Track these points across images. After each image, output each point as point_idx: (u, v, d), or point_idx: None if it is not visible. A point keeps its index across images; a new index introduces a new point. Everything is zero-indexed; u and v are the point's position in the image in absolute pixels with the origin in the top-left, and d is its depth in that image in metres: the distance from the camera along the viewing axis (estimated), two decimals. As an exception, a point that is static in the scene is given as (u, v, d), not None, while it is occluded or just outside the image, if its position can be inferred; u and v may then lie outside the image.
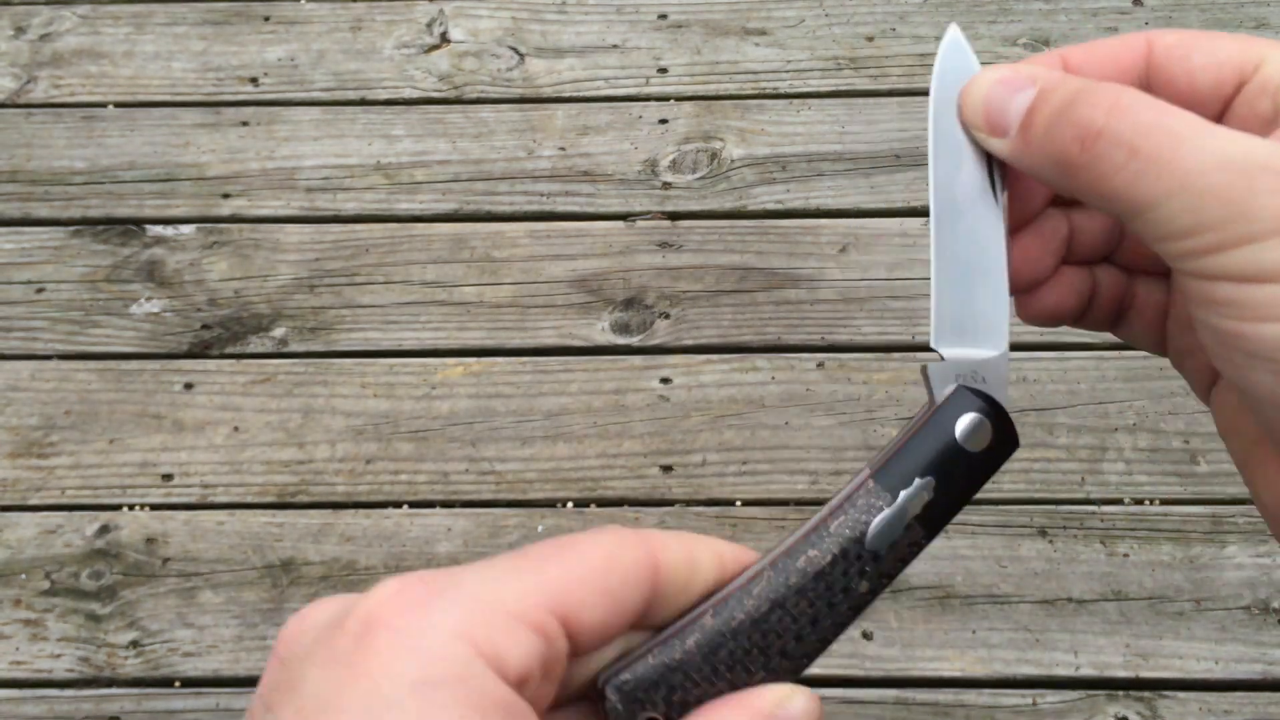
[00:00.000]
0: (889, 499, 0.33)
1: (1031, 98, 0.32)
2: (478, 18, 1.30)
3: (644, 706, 0.30)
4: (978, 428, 0.34)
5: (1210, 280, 0.28)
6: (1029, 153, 0.32)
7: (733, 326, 1.10)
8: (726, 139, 1.20)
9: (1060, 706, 0.92)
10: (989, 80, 0.34)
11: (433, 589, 0.27)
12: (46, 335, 1.11)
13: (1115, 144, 0.29)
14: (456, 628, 0.26)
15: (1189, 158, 0.28)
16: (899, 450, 0.34)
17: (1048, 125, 0.31)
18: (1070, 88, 0.31)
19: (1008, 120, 0.33)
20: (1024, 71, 0.33)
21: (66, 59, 1.28)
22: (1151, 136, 0.29)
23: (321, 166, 1.20)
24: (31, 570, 1.00)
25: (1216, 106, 0.33)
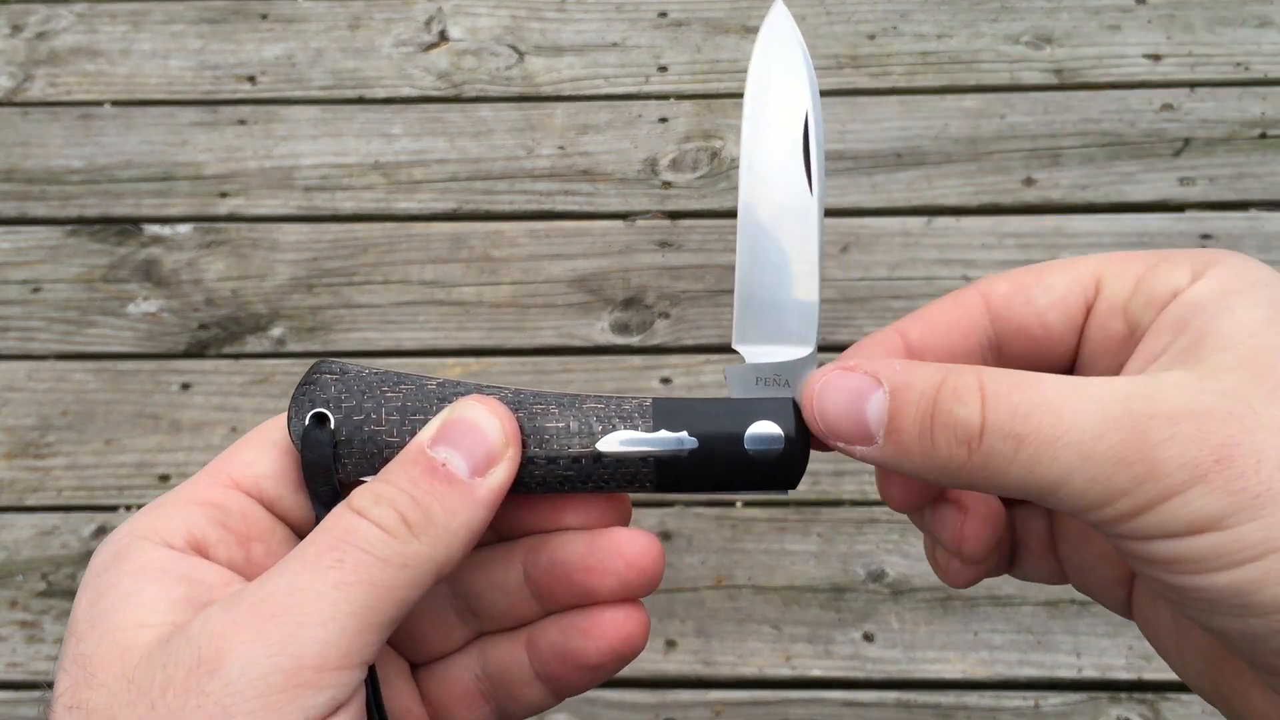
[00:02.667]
0: (649, 428, 0.33)
1: (886, 402, 0.30)
2: (476, 16, 1.29)
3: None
4: (770, 440, 0.33)
5: (1144, 541, 0.28)
6: (907, 459, 0.31)
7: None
8: (727, 137, 1.20)
9: (1063, 708, 0.92)
10: (833, 389, 0.32)
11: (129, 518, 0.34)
12: (43, 335, 1.11)
13: (1000, 437, 0.28)
14: (124, 530, 0.33)
15: (1073, 430, 0.27)
16: (693, 401, 0.34)
17: (919, 431, 0.30)
18: (924, 384, 0.30)
19: (869, 429, 0.31)
20: (865, 368, 0.31)
21: (63, 57, 1.28)
22: (1031, 419, 0.28)
23: (319, 165, 1.20)
24: (28, 571, 1.00)
25: (1072, 340, 0.33)
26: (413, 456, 0.32)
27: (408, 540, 0.30)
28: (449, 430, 0.32)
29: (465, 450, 0.32)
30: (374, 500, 0.31)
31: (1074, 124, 1.19)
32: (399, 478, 0.32)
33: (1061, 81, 1.21)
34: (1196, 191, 1.14)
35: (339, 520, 0.31)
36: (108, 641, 0.29)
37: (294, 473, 0.35)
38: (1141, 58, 1.23)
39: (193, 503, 0.33)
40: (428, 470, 0.31)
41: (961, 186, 1.15)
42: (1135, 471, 0.27)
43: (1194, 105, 1.19)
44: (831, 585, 0.97)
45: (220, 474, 0.34)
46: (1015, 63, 1.23)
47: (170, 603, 0.30)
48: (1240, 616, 0.27)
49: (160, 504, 0.34)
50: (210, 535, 0.33)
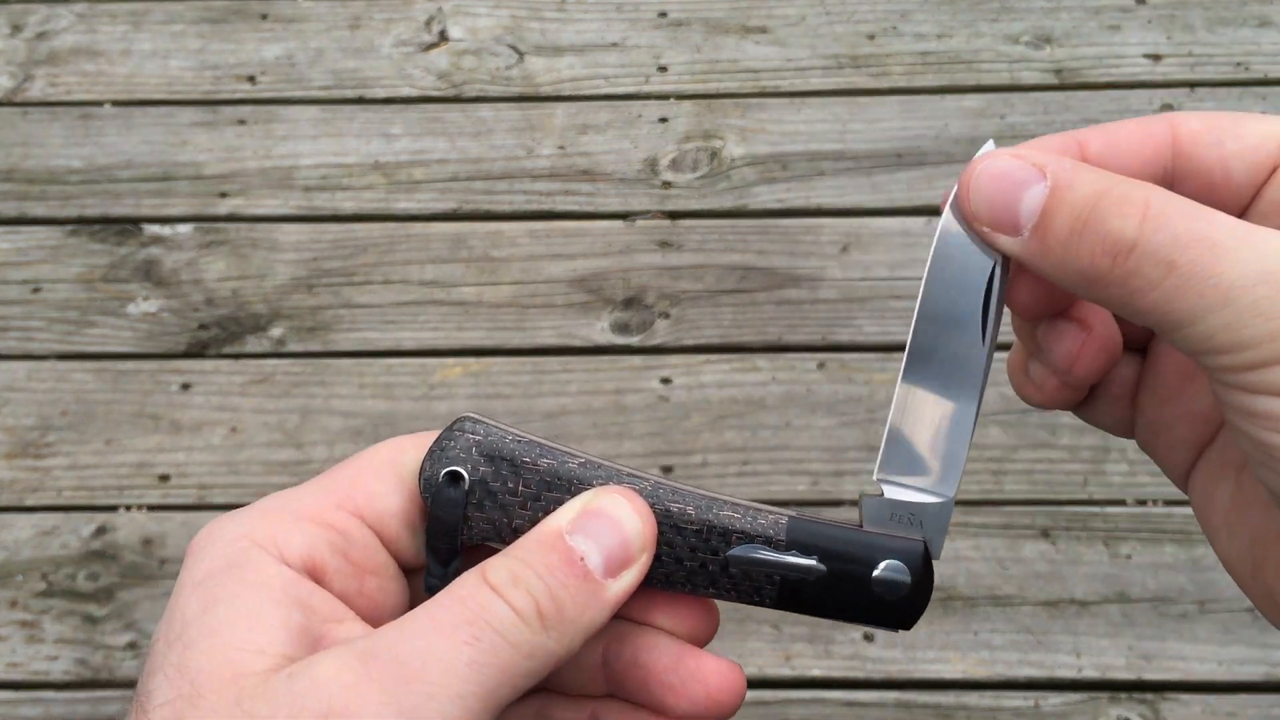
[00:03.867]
0: (782, 545, 0.33)
1: (1045, 194, 0.29)
2: (476, 16, 1.29)
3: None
4: (897, 580, 0.33)
5: (1251, 394, 0.28)
6: (1047, 258, 0.30)
7: (733, 326, 1.09)
8: (727, 137, 1.20)
9: (1063, 708, 0.92)
10: (992, 171, 0.31)
11: (230, 515, 0.32)
12: (43, 335, 1.11)
13: (1151, 260, 0.28)
14: (238, 531, 0.31)
15: (1228, 272, 0.27)
16: (830, 526, 0.34)
17: (1069, 232, 0.29)
18: (1089, 187, 0.29)
19: (1018, 219, 0.30)
20: (1033, 159, 0.30)
21: (63, 57, 1.27)
22: (1189, 250, 0.27)
23: (319, 165, 1.20)
24: (28, 572, 1.00)
25: (1250, 192, 0.32)
26: (551, 541, 0.31)
27: (538, 631, 0.30)
28: (589, 520, 0.32)
29: (603, 545, 0.31)
30: (511, 581, 0.30)
31: (1074, 124, 1.19)
32: (536, 561, 0.31)
33: (1061, 81, 1.21)
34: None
35: (475, 593, 0.30)
36: (221, 660, 0.28)
37: (414, 514, 0.34)
38: (1141, 58, 1.23)
39: (316, 522, 0.32)
40: (565, 560, 0.31)
41: (961, 186, 1.15)
42: (1270, 327, 0.27)
43: (1194, 105, 1.19)
44: (831, 585, 0.97)
45: (346, 498, 0.33)
46: (1015, 63, 1.23)
47: (289, 631, 0.29)
48: None
49: (277, 511, 0.32)
50: (330, 562, 0.32)
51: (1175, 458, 0.36)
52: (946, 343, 0.33)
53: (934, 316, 0.33)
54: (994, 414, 1.03)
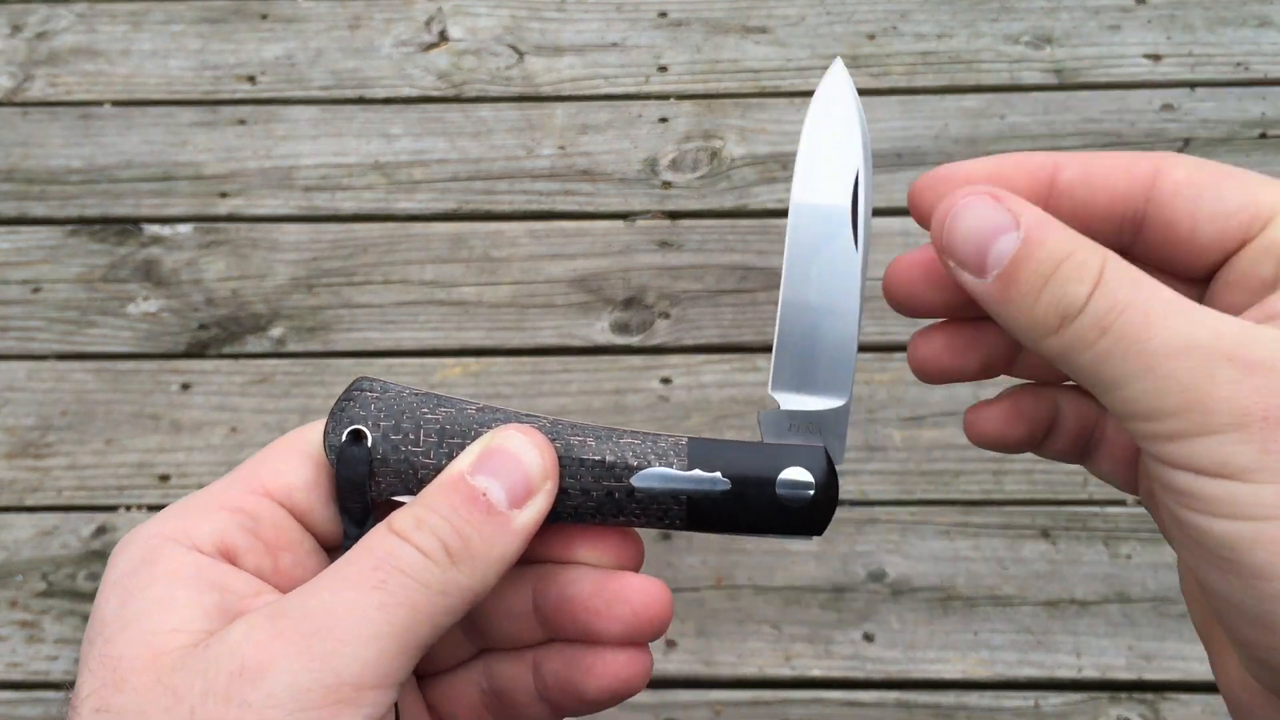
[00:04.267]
0: (684, 467, 0.34)
1: (1016, 246, 0.30)
2: (476, 15, 1.29)
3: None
4: (801, 486, 0.34)
5: (1170, 467, 0.28)
6: (1005, 306, 0.31)
7: (733, 326, 1.09)
8: (727, 137, 1.20)
9: (1063, 708, 0.92)
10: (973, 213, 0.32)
11: (150, 519, 0.34)
12: (43, 335, 1.11)
13: (1090, 322, 0.29)
14: (150, 531, 0.32)
15: (1156, 340, 0.28)
16: (730, 443, 0.34)
17: (1030, 287, 0.30)
18: (1057, 247, 0.30)
19: (986, 263, 0.31)
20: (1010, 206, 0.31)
21: (63, 57, 1.27)
22: (1124, 316, 0.28)
23: (319, 165, 1.20)
24: (28, 571, 1.00)
25: (1214, 257, 0.32)
26: (453, 483, 0.32)
27: (447, 568, 0.30)
28: (489, 459, 0.32)
29: (505, 480, 0.32)
30: (415, 525, 0.31)
31: (1074, 124, 1.19)
32: (439, 504, 0.31)
33: (1061, 81, 1.21)
34: (1196, 191, 1.14)
35: (381, 541, 0.31)
36: (139, 645, 0.29)
37: (325, 485, 0.35)
38: (1141, 58, 1.23)
39: (223, 508, 0.33)
40: (468, 499, 0.31)
41: (961, 186, 1.15)
42: (1188, 399, 0.27)
43: (1194, 105, 1.19)
44: (831, 585, 0.97)
45: (252, 480, 0.34)
46: (1015, 63, 1.23)
47: (204, 610, 0.30)
48: (1223, 572, 0.27)
49: (188, 506, 0.34)
50: (240, 543, 0.33)
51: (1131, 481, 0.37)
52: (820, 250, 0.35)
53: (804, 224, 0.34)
54: (994, 414, 1.03)
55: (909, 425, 1.03)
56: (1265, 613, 0.27)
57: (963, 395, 1.04)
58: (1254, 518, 0.26)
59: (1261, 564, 0.26)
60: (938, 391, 1.04)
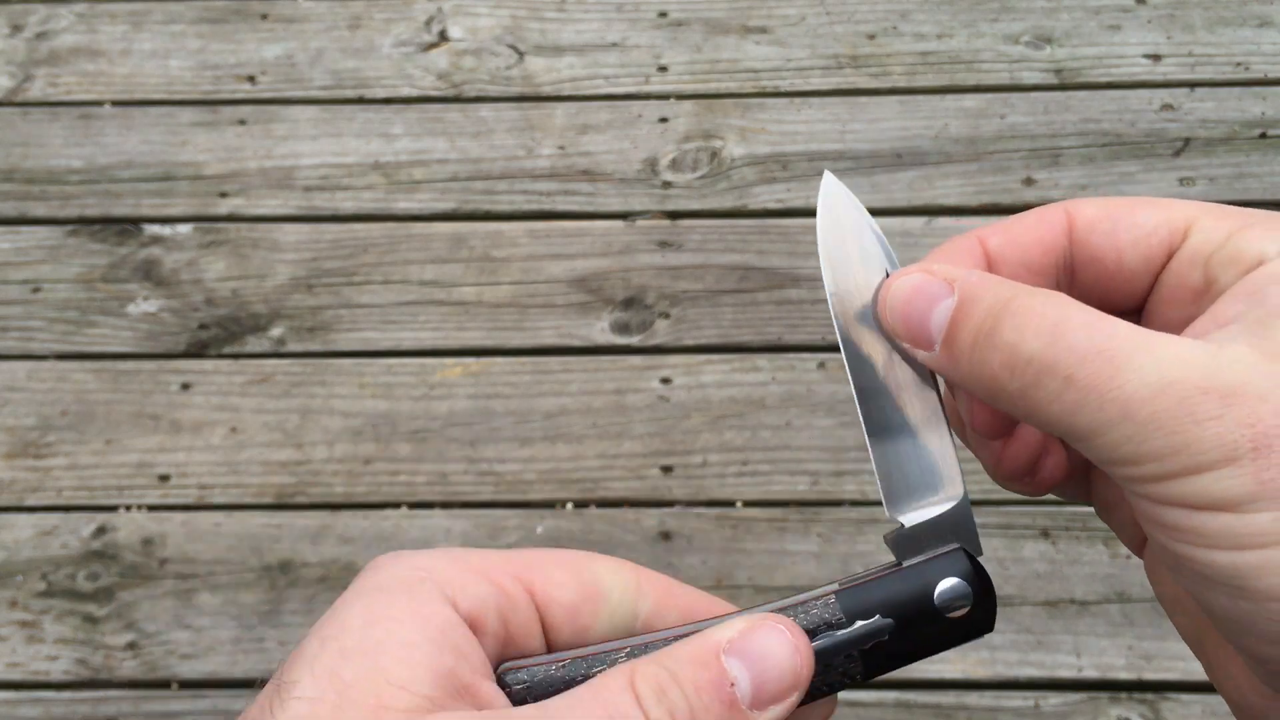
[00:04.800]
0: (844, 622, 0.33)
1: (952, 309, 0.30)
2: (476, 15, 1.29)
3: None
4: (958, 594, 0.33)
5: (1160, 504, 0.28)
6: (956, 370, 0.30)
7: (733, 326, 1.09)
8: (727, 137, 1.20)
9: (1063, 708, 0.92)
10: (905, 288, 0.32)
11: (419, 550, 0.32)
12: (43, 335, 1.11)
13: (1049, 373, 0.28)
14: (419, 563, 0.32)
15: (1127, 385, 0.27)
16: (874, 580, 0.34)
17: (972, 346, 0.30)
18: (993, 299, 0.30)
19: (930, 333, 0.31)
20: (941, 274, 0.31)
21: (63, 57, 1.27)
22: (1087, 364, 0.28)
23: (319, 165, 1.20)
24: (28, 572, 1.00)
25: (1147, 280, 0.32)
26: (705, 658, 0.30)
27: None
28: (748, 645, 0.31)
29: (756, 674, 0.30)
30: (656, 694, 0.29)
31: (1074, 124, 1.19)
32: (685, 675, 0.30)
33: (1061, 81, 1.21)
34: (1196, 191, 1.14)
35: (617, 697, 0.29)
36: (370, 684, 0.29)
37: (582, 617, 0.33)
38: (1141, 58, 1.23)
39: (491, 581, 0.32)
40: (715, 683, 0.30)
41: (961, 186, 1.15)
42: (1173, 441, 0.27)
43: (1194, 105, 1.19)
44: (831, 585, 0.97)
45: (524, 571, 0.33)
46: (1015, 63, 1.23)
47: (436, 676, 0.29)
48: (1232, 598, 0.27)
49: (460, 559, 0.33)
50: (490, 622, 0.32)
51: (1128, 533, 0.36)
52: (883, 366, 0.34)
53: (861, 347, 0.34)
54: (994, 414, 1.03)
55: (909, 425, 1.03)
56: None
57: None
58: (1258, 546, 0.26)
59: (1273, 588, 0.26)
60: (938, 391, 1.04)
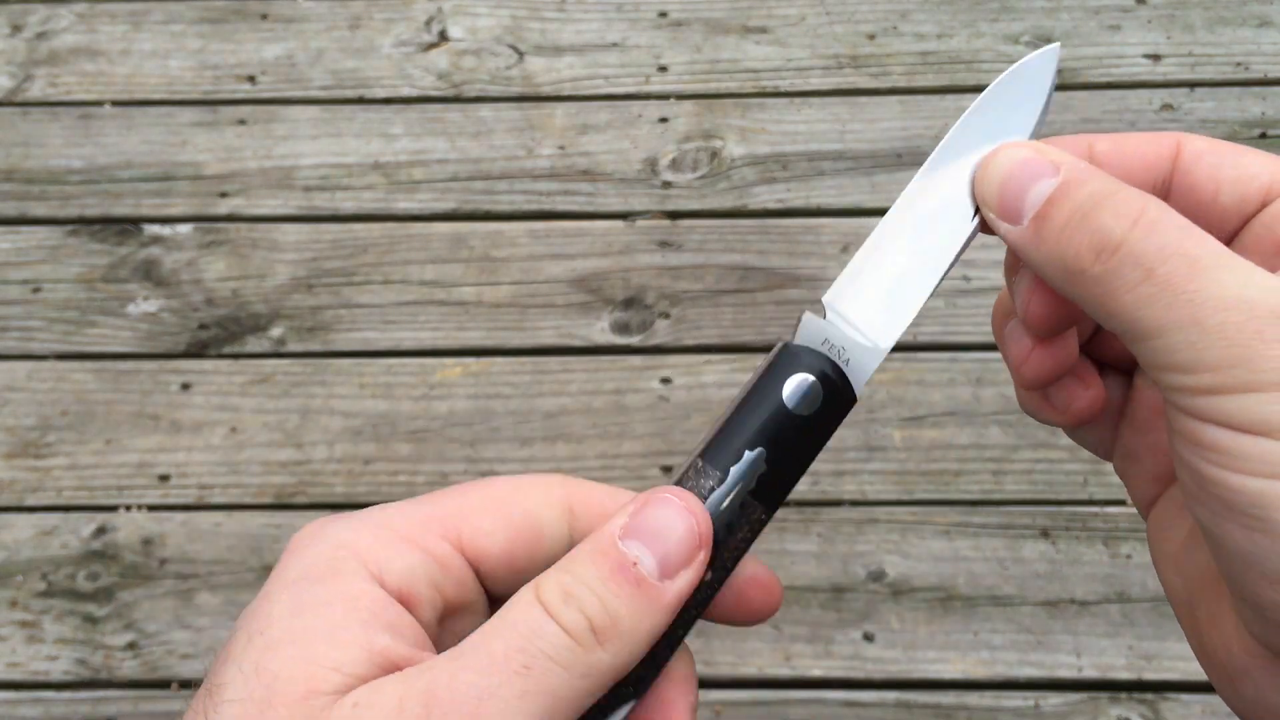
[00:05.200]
0: (719, 477, 0.32)
1: (1053, 188, 0.30)
2: (476, 15, 1.29)
3: None
4: (807, 390, 0.33)
5: (1201, 421, 0.27)
6: (1039, 248, 0.30)
7: (733, 326, 1.09)
8: (727, 137, 1.20)
9: (1063, 709, 0.92)
10: (1010, 159, 0.32)
11: (336, 519, 0.32)
12: (43, 335, 1.11)
13: (1133, 262, 0.28)
14: (341, 539, 0.31)
15: (1204, 291, 0.27)
16: (726, 423, 0.33)
17: (1064, 224, 0.29)
18: (1096, 187, 0.29)
19: (1022, 207, 0.31)
20: (1050, 155, 0.31)
21: (63, 57, 1.27)
22: (1170, 261, 0.27)
23: (319, 165, 1.19)
24: (28, 572, 1.00)
25: (1235, 223, 0.32)
26: (603, 548, 0.30)
27: (593, 649, 0.29)
28: (641, 523, 0.31)
29: (656, 547, 0.30)
30: (563, 598, 0.29)
31: (1074, 124, 1.18)
32: (587, 572, 0.30)
33: (1061, 81, 1.21)
34: (1196, 191, 1.14)
35: (525, 615, 0.29)
36: (298, 671, 0.28)
37: (518, 558, 0.33)
38: (1141, 58, 1.23)
39: (418, 547, 0.32)
40: (617, 568, 0.30)
41: (961, 186, 1.15)
42: (1233, 354, 0.26)
43: (1194, 105, 1.19)
44: (831, 585, 0.97)
45: (451, 528, 0.33)
46: (1015, 63, 1.23)
47: (369, 655, 0.29)
48: (1248, 530, 0.27)
49: (383, 526, 0.32)
50: (422, 592, 0.32)
51: (1141, 489, 0.36)
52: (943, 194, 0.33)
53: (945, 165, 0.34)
54: (994, 414, 1.03)
55: (909, 425, 1.03)
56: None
57: (963, 395, 1.04)
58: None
59: None
60: (938, 391, 1.04)
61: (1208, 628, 0.31)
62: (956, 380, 1.04)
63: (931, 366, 1.05)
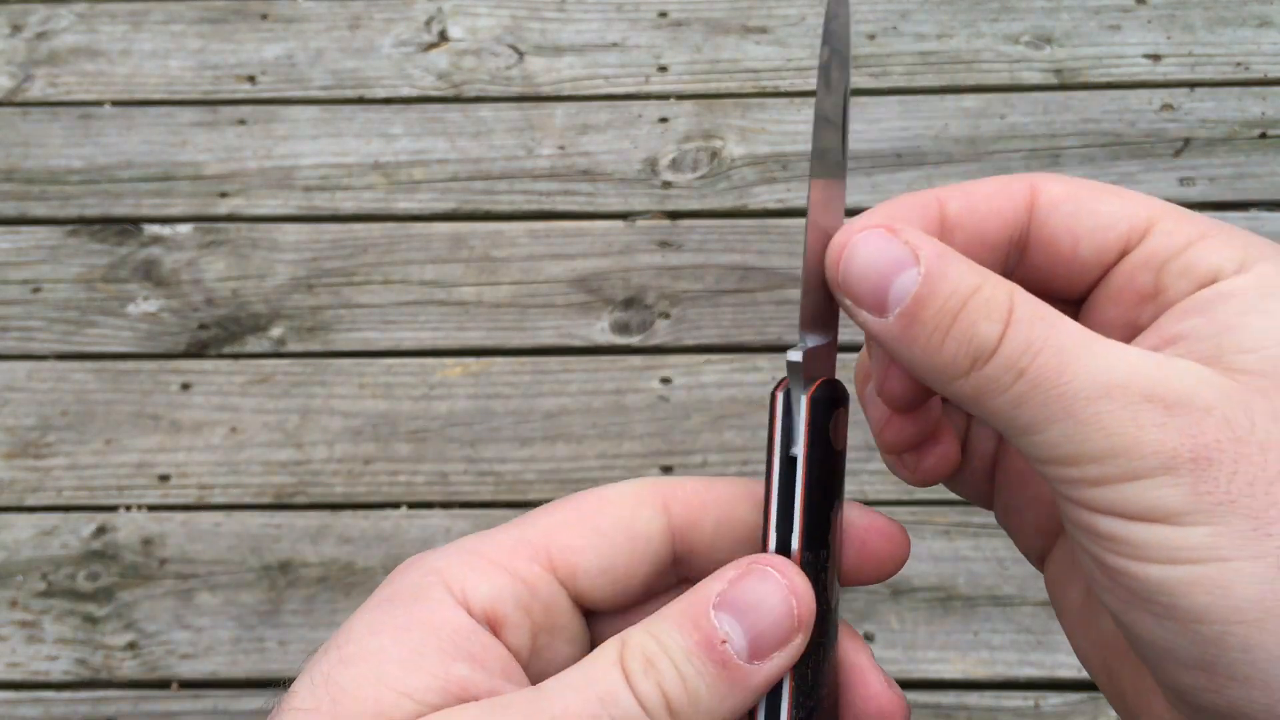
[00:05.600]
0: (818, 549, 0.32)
1: (917, 284, 0.29)
2: (476, 15, 1.29)
3: None
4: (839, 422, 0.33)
5: (1094, 512, 0.27)
6: (909, 347, 0.29)
7: (733, 326, 1.09)
8: (727, 137, 1.20)
9: (1063, 709, 0.92)
10: (869, 249, 0.30)
11: (437, 550, 0.31)
12: (43, 335, 1.11)
13: (1005, 365, 0.27)
14: (432, 565, 0.30)
15: (1075, 382, 0.27)
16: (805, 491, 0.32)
17: (934, 327, 0.28)
18: (961, 283, 0.28)
19: (885, 302, 0.29)
20: (908, 240, 0.30)
21: (63, 57, 1.27)
22: (1040, 356, 0.27)
23: (319, 165, 1.20)
24: (28, 572, 1.00)
25: (1096, 273, 0.31)
26: (693, 617, 0.29)
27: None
28: (738, 596, 0.29)
29: (749, 625, 0.29)
30: (644, 668, 0.28)
31: (1074, 124, 1.19)
32: (673, 641, 0.28)
33: (1061, 81, 1.21)
34: (1196, 191, 1.14)
35: (605, 677, 0.28)
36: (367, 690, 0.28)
37: (617, 571, 0.32)
38: (1141, 58, 1.23)
39: (506, 571, 0.31)
40: (705, 645, 0.28)
41: (961, 186, 1.15)
42: (1113, 444, 0.26)
43: (1194, 105, 1.19)
44: (831, 585, 0.97)
45: (540, 549, 0.31)
46: (1015, 63, 1.23)
47: (444, 684, 0.28)
48: (1157, 617, 0.26)
49: (472, 554, 0.31)
50: (510, 615, 0.30)
51: (1028, 541, 0.35)
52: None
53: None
54: (994, 414, 1.03)
55: (909, 425, 1.03)
56: (1206, 656, 0.26)
57: (963, 395, 1.04)
58: (1190, 561, 0.26)
59: (1202, 607, 0.25)
60: (938, 391, 1.04)
61: (1132, 697, 0.31)
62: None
63: (931, 366, 1.05)
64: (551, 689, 0.28)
